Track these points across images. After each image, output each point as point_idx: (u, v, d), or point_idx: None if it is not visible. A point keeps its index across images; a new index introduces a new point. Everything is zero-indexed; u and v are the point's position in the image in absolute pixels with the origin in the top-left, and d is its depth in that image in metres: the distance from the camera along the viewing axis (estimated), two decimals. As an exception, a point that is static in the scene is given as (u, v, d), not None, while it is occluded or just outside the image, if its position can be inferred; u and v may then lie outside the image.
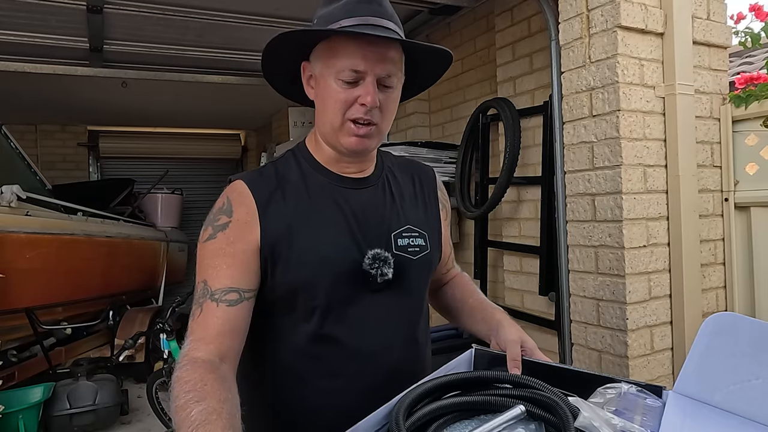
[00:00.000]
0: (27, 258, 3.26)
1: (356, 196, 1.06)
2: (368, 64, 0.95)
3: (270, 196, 1.01)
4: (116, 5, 2.85)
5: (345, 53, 0.95)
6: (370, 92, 0.95)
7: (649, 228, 2.03)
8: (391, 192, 1.11)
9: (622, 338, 1.98)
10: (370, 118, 0.98)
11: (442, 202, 1.22)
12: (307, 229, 1.01)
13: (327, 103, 0.99)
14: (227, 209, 1.01)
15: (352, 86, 0.96)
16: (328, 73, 0.98)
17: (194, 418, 0.74)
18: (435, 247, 1.14)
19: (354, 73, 0.95)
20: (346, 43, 0.95)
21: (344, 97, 0.96)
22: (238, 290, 0.96)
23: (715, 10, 2.20)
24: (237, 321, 0.94)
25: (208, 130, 7.52)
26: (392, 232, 1.07)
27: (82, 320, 4.32)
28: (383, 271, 1.02)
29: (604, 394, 0.81)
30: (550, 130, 2.53)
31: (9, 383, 3.26)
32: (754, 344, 0.77)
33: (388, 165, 1.16)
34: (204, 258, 0.99)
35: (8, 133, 3.99)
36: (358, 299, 1.02)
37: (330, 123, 1.00)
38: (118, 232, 4.60)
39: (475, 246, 3.20)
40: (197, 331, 0.93)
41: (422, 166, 1.24)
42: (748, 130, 2.18)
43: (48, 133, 6.59)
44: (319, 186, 1.05)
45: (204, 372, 0.84)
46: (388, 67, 0.97)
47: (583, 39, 2.10)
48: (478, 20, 3.24)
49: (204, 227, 1.02)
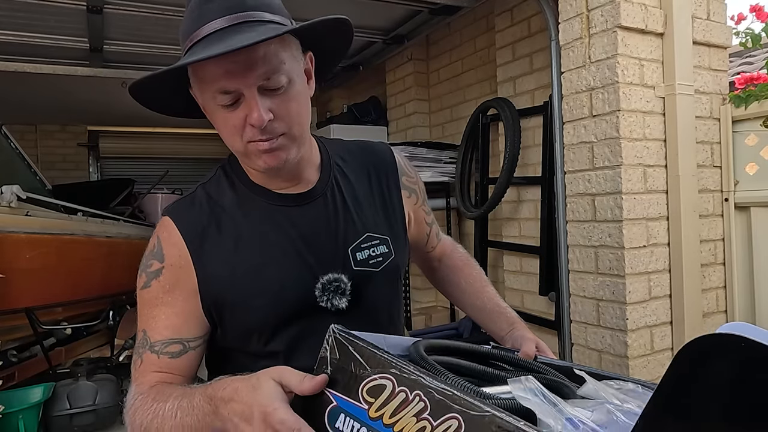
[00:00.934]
0: (27, 258, 3.26)
1: (301, 214, 0.94)
2: (236, 79, 0.79)
3: (203, 231, 0.90)
4: (116, 5, 2.85)
5: (207, 76, 0.81)
6: (253, 109, 0.80)
7: (649, 228, 2.03)
8: (343, 199, 0.98)
9: (622, 338, 1.98)
10: (270, 135, 0.83)
11: (408, 187, 1.09)
12: (250, 265, 0.90)
13: (221, 131, 0.87)
14: (158, 253, 0.91)
15: (235, 107, 0.82)
16: (206, 100, 0.85)
17: (170, 409, 0.75)
18: (400, 249, 1.04)
19: (227, 95, 0.81)
20: (204, 63, 0.79)
21: (232, 123, 0.83)
22: (181, 341, 0.88)
23: (715, 10, 2.20)
24: (182, 370, 0.89)
25: (208, 130, 7.52)
26: (349, 247, 0.95)
27: (82, 320, 4.31)
28: (334, 303, 0.92)
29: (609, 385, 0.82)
30: (550, 130, 2.53)
31: (9, 383, 3.26)
32: None
33: (335, 162, 1.02)
34: (143, 308, 0.90)
35: (8, 133, 3.98)
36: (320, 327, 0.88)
37: (236, 150, 0.89)
38: (119, 232, 4.60)
39: (475, 246, 3.20)
40: (139, 378, 0.88)
41: (378, 152, 1.08)
42: (748, 130, 2.18)
43: (48, 133, 6.59)
44: (258, 210, 0.93)
45: (156, 391, 0.83)
46: (263, 70, 0.80)
47: (583, 39, 2.09)
48: (478, 20, 3.24)
49: (139, 272, 0.92)
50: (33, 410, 3.23)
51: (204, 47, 0.79)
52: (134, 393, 0.86)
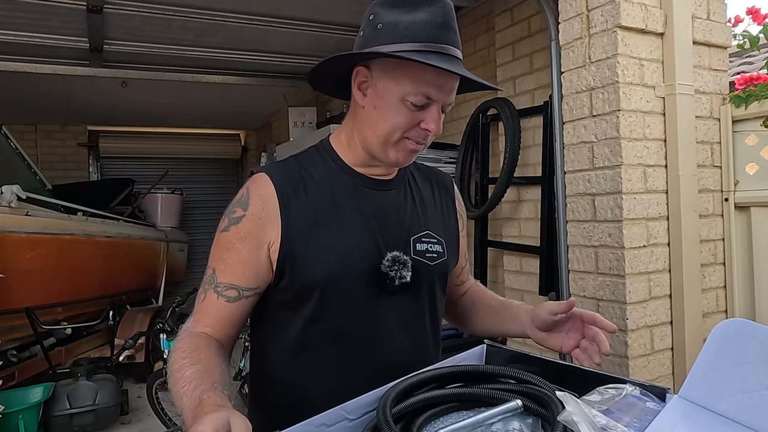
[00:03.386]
0: (27, 258, 3.27)
1: (379, 197, 1.07)
2: (441, 95, 0.97)
3: (293, 190, 1.01)
4: (116, 5, 2.85)
5: (421, 79, 0.95)
6: (435, 120, 0.98)
7: (649, 228, 2.03)
8: (413, 196, 1.12)
9: (622, 338, 1.98)
10: (425, 142, 1.01)
11: (460, 214, 1.22)
12: (328, 227, 1.01)
13: (387, 117, 0.98)
14: (244, 201, 1.01)
15: (419, 109, 0.97)
16: (395, 90, 0.97)
17: (188, 376, 0.83)
18: (452, 255, 1.14)
19: (425, 99, 0.96)
20: (423, 69, 0.94)
21: (410, 120, 0.97)
22: (238, 288, 0.98)
23: (715, 10, 2.20)
24: (233, 317, 0.99)
25: (208, 130, 7.52)
26: (412, 236, 1.07)
27: (82, 320, 4.32)
28: (402, 274, 1.02)
29: (602, 393, 0.81)
30: (550, 130, 2.53)
31: (9, 383, 3.26)
32: (765, 353, 0.74)
33: (409, 170, 1.16)
34: (217, 248, 1.01)
35: (8, 133, 3.99)
36: (374, 300, 1.02)
37: (384, 136, 1.00)
38: (118, 232, 4.60)
39: (475, 246, 3.20)
40: (199, 313, 1.00)
41: (441, 174, 1.24)
42: (748, 130, 2.18)
43: (48, 133, 6.59)
44: (343, 186, 1.05)
45: (199, 343, 0.93)
46: (452, 96, 1.00)
47: (583, 39, 2.10)
48: (478, 20, 3.25)
49: (223, 216, 1.03)
50: (33, 410, 3.23)
51: (441, 60, 0.94)
52: (190, 327, 0.99)
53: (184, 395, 0.80)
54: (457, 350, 0.99)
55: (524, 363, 0.94)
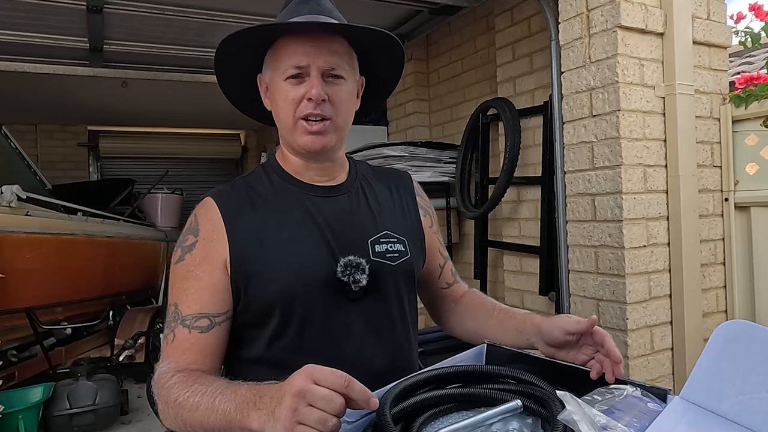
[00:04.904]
0: (27, 258, 3.26)
1: (329, 204, 1.04)
2: (310, 58, 0.96)
3: (238, 208, 1.00)
4: (116, 5, 2.85)
5: (287, 52, 0.97)
6: (314, 85, 0.95)
7: (649, 228, 2.03)
8: (366, 199, 1.09)
9: (622, 338, 1.98)
10: (322, 113, 0.97)
11: (424, 209, 1.18)
12: (279, 241, 0.98)
13: (278, 104, 1.00)
14: (194, 228, 1.00)
15: (299, 83, 0.97)
16: (276, 76, 1.00)
17: (210, 392, 0.79)
18: (417, 252, 1.10)
19: (297, 69, 0.96)
20: (288, 43, 0.97)
21: (292, 96, 0.97)
22: (208, 316, 0.94)
23: (715, 10, 2.20)
24: (211, 347, 0.94)
25: (208, 130, 7.52)
26: (369, 239, 1.03)
27: (82, 320, 4.31)
28: (356, 278, 0.99)
29: (603, 393, 0.81)
30: (550, 130, 2.53)
31: (9, 383, 3.26)
32: (767, 355, 0.74)
33: (362, 173, 1.14)
34: (174, 281, 0.98)
35: (8, 133, 3.98)
36: (336, 309, 0.99)
37: (284, 125, 1.01)
38: (118, 232, 4.60)
39: (475, 246, 3.20)
40: (172, 355, 0.93)
41: (398, 172, 1.21)
42: (748, 130, 2.18)
43: (48, 133, 6.59)
44: (290, 196, 1.03)
45: (192, 375, 0.87)
46: (331, 59, 0.97)
47: (583, 39, 2.10)
48: (478, 20, 3.24)
49: (175, 248, 1.01)
50: (33, 410, 3.22)
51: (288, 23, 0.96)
52: (169, 368, 0.90)
53: (219, 406, 0.76)
54: (457, 350, 0.99)
55: (524, 363, 0.93)
